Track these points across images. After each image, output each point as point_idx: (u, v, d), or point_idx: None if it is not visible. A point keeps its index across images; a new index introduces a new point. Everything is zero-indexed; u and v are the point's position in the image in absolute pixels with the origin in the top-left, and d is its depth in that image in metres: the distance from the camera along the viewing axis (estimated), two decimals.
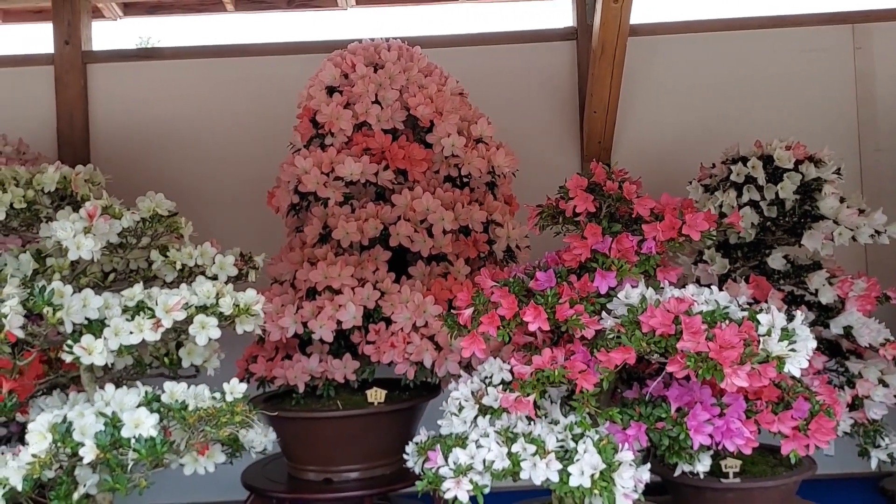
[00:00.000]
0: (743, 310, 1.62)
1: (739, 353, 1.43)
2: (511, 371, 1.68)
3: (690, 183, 2.48)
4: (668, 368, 1.47)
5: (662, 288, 1.69)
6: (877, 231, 2.34)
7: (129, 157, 3.02)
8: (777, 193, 2.30)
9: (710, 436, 1.58)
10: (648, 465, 1.64)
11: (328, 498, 2.28)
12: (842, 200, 2.42)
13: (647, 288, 1.66)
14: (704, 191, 2.46)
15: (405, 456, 1.72)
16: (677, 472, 1.76)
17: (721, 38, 3.12)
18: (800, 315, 1.59)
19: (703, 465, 1.72)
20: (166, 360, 1.69)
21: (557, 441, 1.60)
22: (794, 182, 2.30)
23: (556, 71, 3.10)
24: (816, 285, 2.34)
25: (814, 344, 1.55)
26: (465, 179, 2.41)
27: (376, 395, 2.25)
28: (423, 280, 2.26)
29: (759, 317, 1.56)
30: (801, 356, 1.51)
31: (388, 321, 2.22)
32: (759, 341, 1.51)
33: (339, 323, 2.14)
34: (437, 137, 2.31)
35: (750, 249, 2.44)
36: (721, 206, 2.41)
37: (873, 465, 2.34)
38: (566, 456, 1.57)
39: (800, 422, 1.65)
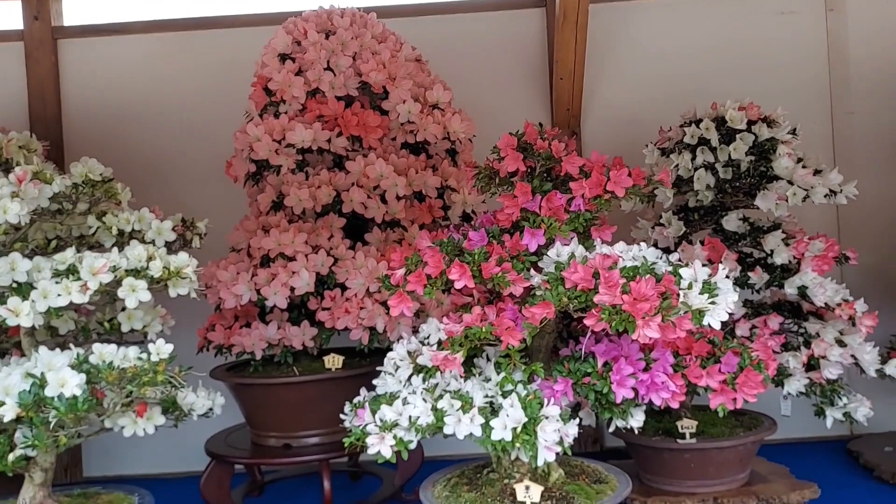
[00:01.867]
0: (669, 265, 1.62)
1: (654, 305, 1.44)
2: None
3: (647, 146, 2.47)
4: (586, 322, 1.48)
5: (594, 246, 1.70)
6: (831, 191, 2.33)
7: (102, 132, 3.05)
8: (730, 155, 2.29)
9: (635, 389, 1.59)
10: (577, 420, 1.66)
11: (286, 463, 2.33)
12: (799, 161, 2.40)
13: (579, 246, 1.67)
14: (661, 154, 2.45)
15: (342, 416, 1.75)
16: (611, 428, 1.77)
17: (693, 3, 3.09)
18: (722, 269, 1.59)
19: (636, 421, 1.73)
20: (108, 324, 1.73)
21: (487, 397, 1.63)
22: (747, 143, 2.29)
23: (526, 39, 3.09)
24: (772, 246, 2.33)
25: (734, 297, 1.55)
26: (424, 146, 2.42)
27: (333, 362, 2.28)
28: (378, 246, 2.28)
29: (681, 271, 1.56)
30: (720, 309, 1.52)
31: (344, 288, 2.25)
32: (678, 295, 1.52)
33: (292, 290, 2.17)
34: (393, 104, 2.32)
35: (707, 212, 2.44)
36: (678, 168, 2.41)
37: (828, 424, 2.34)
38: (494, 411, 1.59)
39: (727, 376, 1.65)
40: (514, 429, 1.53)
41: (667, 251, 2.46)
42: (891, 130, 3.00)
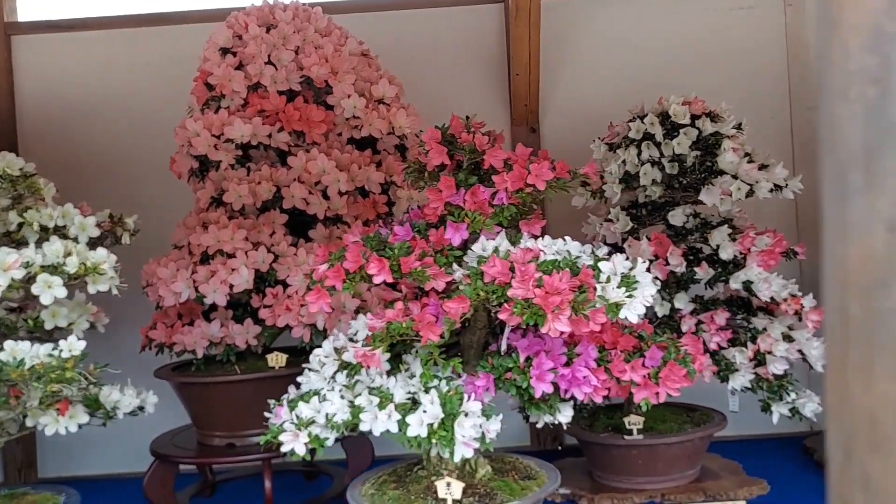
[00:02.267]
0: (592, 260, 1.61)
1: (567, 299, 1.42)
2: None
3: (594, 141, 2.46)
4: (500, 316, 1.47)
5: (522, 240, 1.69)
6: (776, 185, 2.32)
7: (57, 127, 3.04)
8: (674, 150, 2.27)
9: (556, 384, 1.57)
10: (500, 416, 1.64)
11: (229, 462, 2.31)
12: (747, 155, 2.39)
13: (504, 240, 1.66)
14: (609, 149, 2.44)
15: (266, 414, 1.73)
16: (539, 424, 1.75)
17: None
18: (641, 263, 1.58)
19: (564, 416, 1.71)
20: (32, 322, 1.71)
21: (409, 393, 1.61)
22: (690, 137, 2.28)
23: (485, 34, 3.08)
24: (718, 241, 2.32)
25: (652, 290, 1.54)
26: (371, 141, 2.41)
27: (277, 360, 2.27)
28: (322, 243, 2.26)
29: (600, 265, 1.55)
30: (637, 302, 1.50)
31: (286, 285, 2.23)
32: (595, 289, 1.50)
33: (231, 287, 2.15)
34: (337, 99, 2.30)
35: (656, 207, 2.43)
36: (625, 163, 2.39)
37: (774, 419, 2.33)
38: (415, 408, 1.58)
39: (651, 370, 1.64)
40: (431, 425, 1.52)
41: (615, 247, 2.46)
42: None
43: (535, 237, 1.73)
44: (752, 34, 3.03)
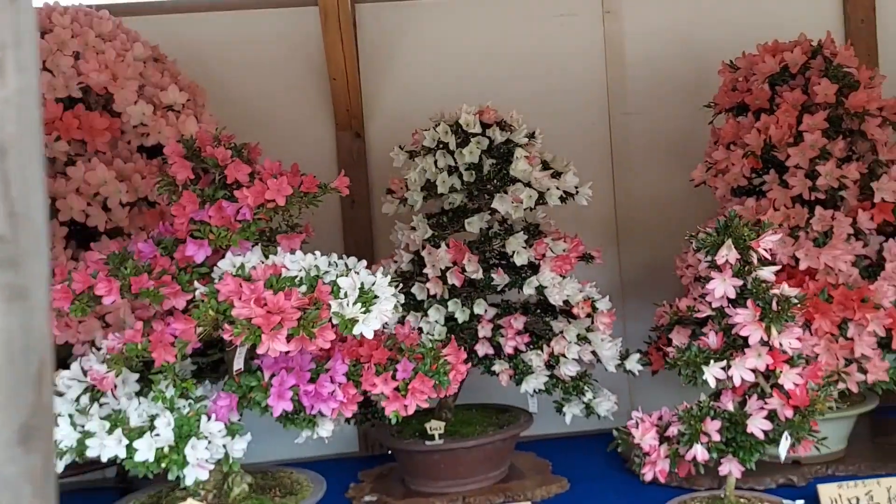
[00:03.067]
0: (339, 275, 1.60)
1: (291, 317, 1.41)
2: None
3: (394, 149, 2.47)
4: (224, 336, 1.45)
5: (276, 254, 1.67)
6: (567, 193, 2.38)
7: None
8: (465, 158, 2.30)
9: (296, 401, 1.57)
10: (248, 434, 1.62)
11: None
12: (544, 163, 2.45)
13: (253, 256, 1.64)
14: (409, 157, 2.45)
15: None
16: (300, 440, 1.74)
17: (476, 4, 3.10)
18: (380, 275, 1.58)
19: (324, 431, 1.71)
20: None
21: (150, 416, 1.57)
22: (481, 146, 2.31)
23: (306, 37, 3.03)
24: (513, 248, 2.36)
25: (390, 305, 1.55)
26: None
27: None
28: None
29: (339, 280, 1.55)
30: (372, 317, 1.51)
31: None
32: (329, 305, 1.50)
33: None
34: (122, 106, 2.23)
35: (456, 215, 2.45)
36: (425, 171, 2.41)
37: (567, 419, 2.40)
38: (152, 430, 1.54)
39: (400, 382, 1.65)
40: (161, 448, 1.48)
41: (417, 254, 2.48)
42: (665, 131, 3.10)
43: (293, 251, 1.72)
44: (572, 41, 3.10)
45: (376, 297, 1.53)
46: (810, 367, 1.77)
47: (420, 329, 2.40)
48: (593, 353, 2.42)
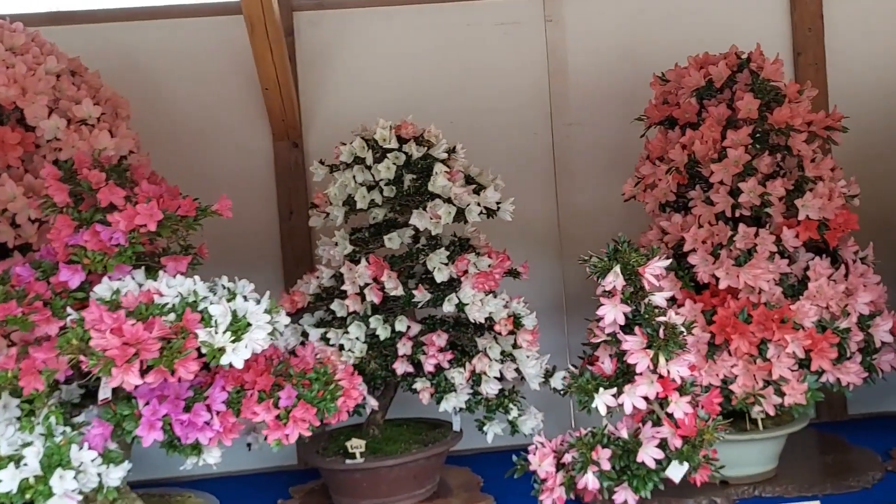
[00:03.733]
0: (215, 302, 1.58)
1: (153, 348, 1.39)
2: None
3: (313, 164, 2.44)
4: (82, 366, 1.42)
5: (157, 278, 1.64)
6: (488, 209, 2.35)
7: None
8: (381, 173, 2.27)
9: (167, 432, 1.54)
10: (126, 462, 1.60)
11: None
12: (469, 178, 2.41)
13: (131, 280, 1.61)
14: (330, 171, 2.42)
15: None
16: (185, 466, 1.71)
17: (416, 12, 3.06)
18: (254, 303, 1.55)
19: (212, 458, 1.68)
20: None
21: (22, 444, 1.55)
22: (397, 161, 2.28)
23: (242, 47, 2.99)
24: (433, 264, 2.33)
25: (263, 333, 1.52)
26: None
27: None
28: None
29: (210, 308, 1.52)
30: (242, 346, 1.48)
31: None
32: (196, 335, 1.47)
33: None
34: (36, 120, 2.20)
35: (378, 230, 2.42)
36: (346, 186, 2.38)
37: (489, 438, 2.37)
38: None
39: (281, 411, 1.62)
40: (26, 479, 1.46)
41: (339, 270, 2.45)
42: (608, 142, 3.05)
43: (182, 274, 1.69)
44: (514, 50, 3.06)
45: (249, 325, 1.51)
46: (708, 394, 1.73)
47: (341, 346, 2.37)
48: (517, 370, 2.39)
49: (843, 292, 2.22)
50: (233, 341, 1.48)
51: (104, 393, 1.47)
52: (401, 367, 2.32)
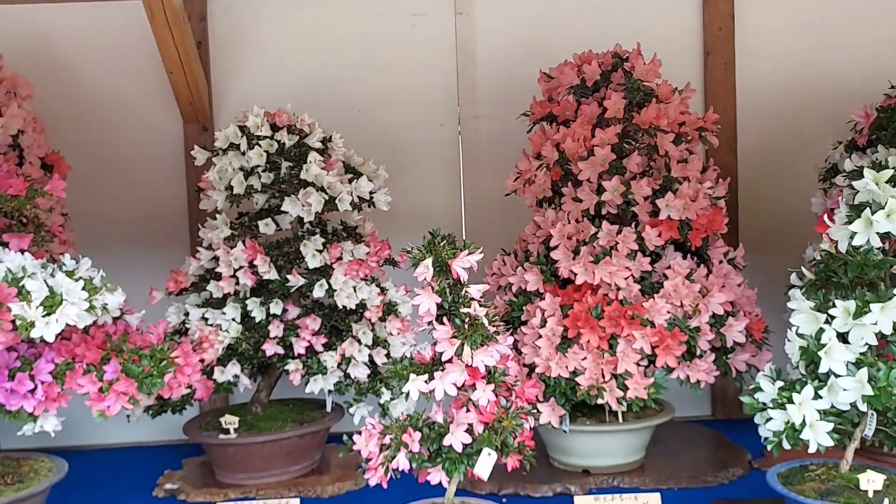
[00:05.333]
0: (37, 278, 1.65)
1: None
2: None
3: (194, 148, 2.51)
4: None
5: None
6: (361, 198, 2.41)
7: None
8: (252, 159, 2.34)
9: None
10: None
11: None
12: (348, 166, 2.48)
13: None
14: (212, 155, 2.49)
15: None
16: (23, 432, 1.79)
17: (328, 0, 3.11)
18: (71, 280, 1.63)
19: (49, 425, 1.75)
20: None
21: None
22: (270, 149, 2.34)
23: (142, 31, 3.03)
24: (308, 251, 2.40)
25: (75, 310, 1.60)
26: None
27: None
28: None
29: (27, 282, 1.59)
30: (54, 319, 1.56)
31: None
32: (9, 308, 1.55)
33: None
34: None
35: (259, 216, 2.49)
36: (225, 172, 2.45)
37: (355, 420, 2.44)
38: None
39: (104, 384, 1.70)
40: None
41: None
42: (514, 135, 3.08)
43: (23, 251, 1.77)
44: (424, 41, 3.10)
45: (63, 301, 1.58)
46: (523, 383, 1.80)
47: (219, 326, 2.45)
48: (387, 355, 2.46)
49: (700, 292, 2.28)
50: (44, 315, 1.55)
51: None
52: (270, 349, 2.40)
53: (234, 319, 2.41)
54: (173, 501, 2.46)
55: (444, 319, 1.71)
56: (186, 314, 2.48)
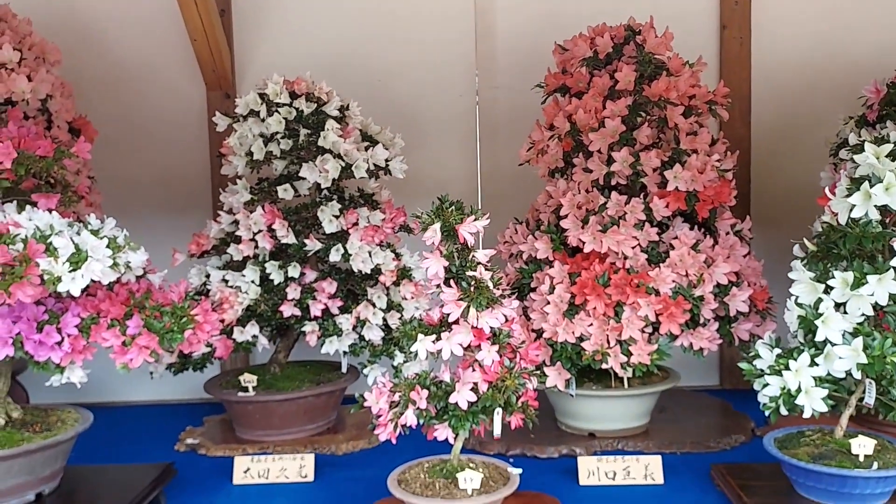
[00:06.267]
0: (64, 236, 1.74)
1: None
2: None
3: (215, 114, 2.58)
4: None
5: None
6: (377, 166, 2.47)
7: None
8: (271, 126, 2.41)
9: (19, 349, 1.72)
10: None
11: None
12: (365, 134, 2.54)
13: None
14: (233, 121, 2.56)
15: None
16: (51, 383, 1.89)
17: None
18: (97, 239, 1.71)
19: (75, 377, 1.85)
20: None
21: None
22: (289, 116, 2.41)
23: None
24: (324, 217, 2.47)
25: (99, 266, 1.68)
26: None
27: None
28: None
29: (54, 240, 1.68)
30: (80, 275, 1.65)
31: None
32: (37, 263, 1.64)
33: None
34: None
35: (279, 181, 2.57)
36: (246, 138, 2.52)
37: (369, 380, 2.53)
38: None
39: (127, 338, 1.79)
40: None
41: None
42: (530, 105, 3.11)
43: (51, 211, 1.86)
44: (444, 12, 3.14)
45: (88, 257, 1.67)
46: (527, 345, 1.87)
47: (239, 287, 2.54)
48: (401, 319, 2.54)
49: (705, 262, 2.32)
50: (71, 271, 1.64)
51: None
52: (287, 310, 2.48)
53: (253, 281, 2.50)
54: (194, 455, 2.57)
55: (452, 282, 1.78)
56: (207, 276, 2.58)
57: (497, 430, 1.82)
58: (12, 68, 2.44)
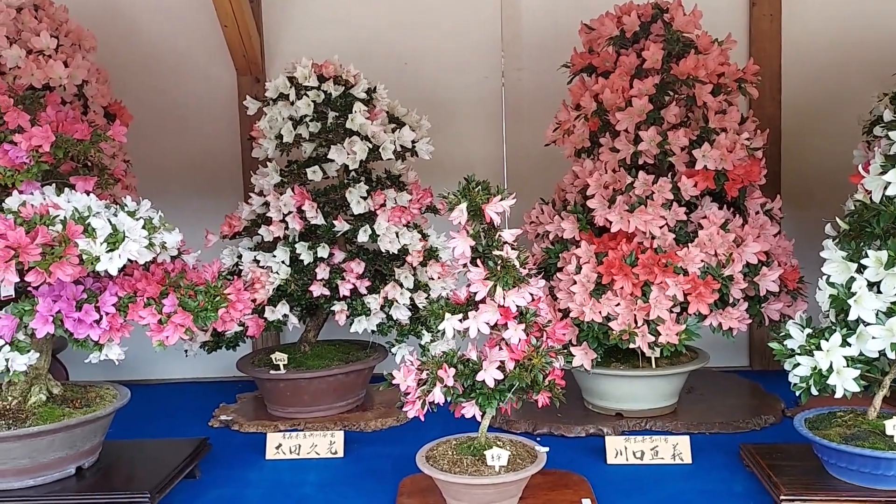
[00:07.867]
0: (102, 217, 1.79)
1: (36, 252, 1.61)
2: None
3: (246, 98, 2.61)
4: None
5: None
6: (404, 147, 2.49)
7: None
8: (300, 109, 2.43)
9: (59, 327, 1.78)
10: (33, 352, 1.84)
11: None
12: (392, 116, 2.56)
13: (36, 194, 1.83)
14: (263, 105, 2.59)
15: None
16: (90, 360, 1.94)
17: None
18: (133, 220, 1.75)
19: (113, 354, 1.90)
20: None
21: None
22: (318, 99, 2.43)
23: None
24: (352, 199, 2.50)
25: (136, 247, 1.73)
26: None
27: None
28: None
29: (92, 221, 1.73)
30: (116, 255, 1.69)
31: None
32: (76, 243, 1.69)
33: None
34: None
35: (308, 164, 2.60)
36: (275, 121, 2.55)
37: (397, 360, 2.56)
38: None
39: (163, 316, 1.84)
40: None
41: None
42: (556, 86, 3.11)
43: (88, 193, 1.91)
44: None
45: (125, 238, 1.72)
46: (553, 325, 1.88)
47: (269, 268, 2.58)
48: (427, 298, 2.56)
49: (734, 242, 2.31)
50: (108, 251, 1.69)
51: (5, 291, 1.70)
52: (317, 290, 2.52)
53: (283, 262, 2.54)
54: (227, 431, 2.63)
55: (478, 262, 1.79)
56: (239, 256, 2.63)
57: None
58: (49, 55, 2.50)
